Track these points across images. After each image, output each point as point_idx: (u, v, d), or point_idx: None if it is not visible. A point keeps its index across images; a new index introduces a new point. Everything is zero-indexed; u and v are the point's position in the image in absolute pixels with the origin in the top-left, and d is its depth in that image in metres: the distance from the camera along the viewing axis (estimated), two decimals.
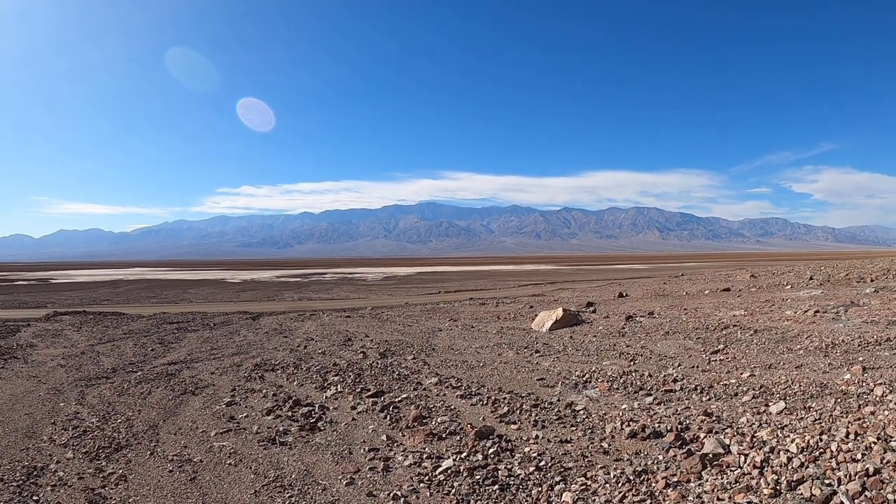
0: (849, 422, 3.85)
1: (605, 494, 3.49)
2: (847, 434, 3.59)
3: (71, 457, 4.60)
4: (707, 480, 3.44)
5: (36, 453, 4.68)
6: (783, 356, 6.80)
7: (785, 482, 3.13)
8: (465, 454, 4.33)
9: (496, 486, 3.75)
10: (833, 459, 3.27)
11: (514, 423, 5.04)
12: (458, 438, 4.72)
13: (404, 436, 4.89)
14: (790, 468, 3.30)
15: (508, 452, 4.33)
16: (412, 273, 57.96)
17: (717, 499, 3.18)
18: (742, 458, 3.61)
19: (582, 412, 5.21)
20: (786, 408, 4.60)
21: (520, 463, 4.11)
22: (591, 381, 6.36)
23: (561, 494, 3.57)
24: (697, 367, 6.72)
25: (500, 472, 3.98)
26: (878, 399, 4.42)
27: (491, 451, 4.34)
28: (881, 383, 4.85)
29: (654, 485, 3.51)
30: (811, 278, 15.26)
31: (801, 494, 3.00)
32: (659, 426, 4.54)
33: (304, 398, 6.25)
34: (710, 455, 3.76)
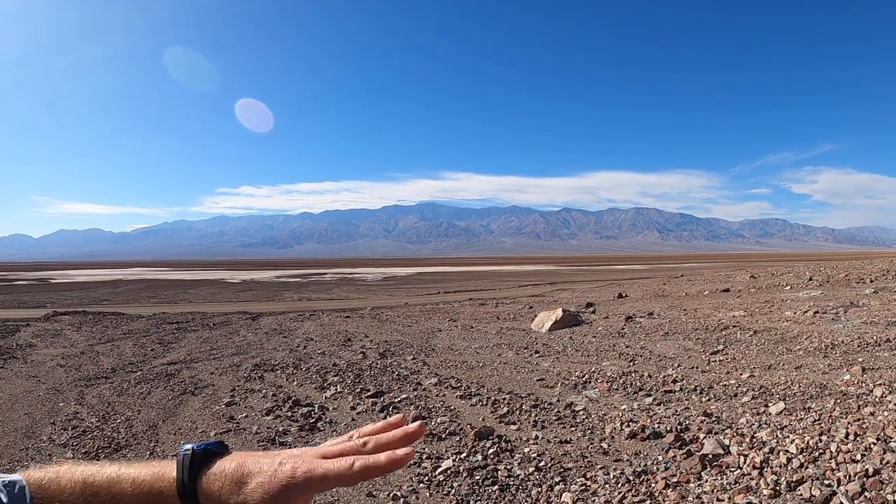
0: (848, 422, 3.86)
1: (604, 495, 3.49)
2: (846, 435, 3.59)
3: (71, 457, 4.60)
4: (707, 481, 3.44)
5: (35, 453, 4.68)
6: (783, 357, 6.81)
7: (784, 483, 3.14)
8: (464, 454, 4.33)
9: (496, 487, 3.75)
10: (833, 460, 3.28)
11: (514, 423, 5.04)
12: (458, 439, 4.72)
13: None
14: (790, 469, 3.30)
15: (508, 453, 4.33)
16: (412, 273, 57.94)
17: (717, 499, 3.18)
18: (742, 458, 3.61)
19: (581, 413, 5.21)
20: (785, 408, 4.60)
21: (519, 463, 4.11)
22: (590, 382, 6.36)
23: (560, 495, 3.57)
24: (697, 367, 6.72)
25: (499, 472, 3.98)
26: (877, 400, 4.43)
27: (490, 451, 4.34)
28: (881, 384, 4.85)
29: (653, 485, 3.51)
30: (811, 279, 15.27)
31: (801, 495, 3.00)
32: (658, 427, 4.54)
33: (304, 398, 6.25)
34: (710, 456, 3.76)
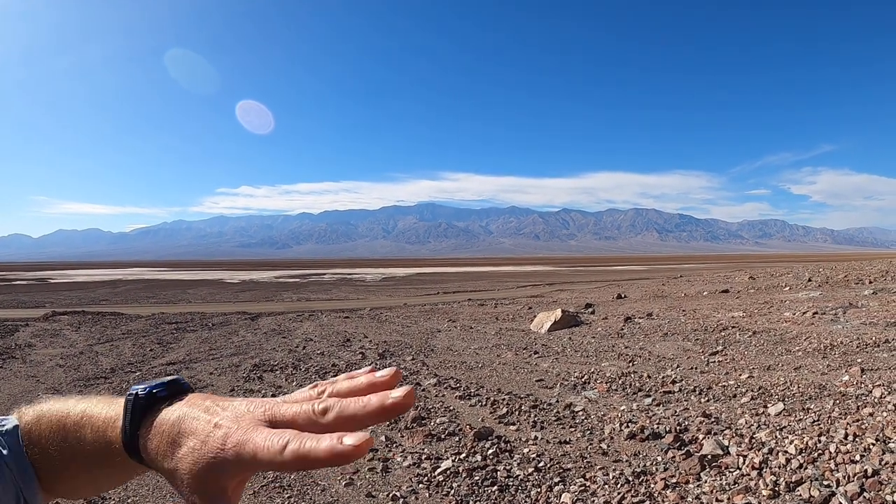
0: (847, 423, 3.86)
1: (603, 495, 3.49)
2: (845, 435, 3.60)
3: None
4: (706, 482, 3.44)
5: None
6: (782, 358, 6.81)
7: (783, 483, 3.14)
8: (464, 455, 4.33)
9: (495, 487, 3.75)
10: (832, 461, 3.28)
11: (513, 424, 5.04)
12: (457, 439, 4.72)
13: (403, 436, 4.89)
14: (789, 469, 3.31)
15: (507, 453, 4.33)
16: (411, 274, 57.92)
17: (716, 500, 3.18)
18: (741, 459, 3.62)
19: (581, 413, 5.21)
20: (784, 409, 4.61)
21: (519, 464, 4.12)
22: (589, 383, 6.36)
23: (560, 495, 3.57)
24: (696, 368, 6.72)
25: (498, 473, 3.98)
26: (876, 400, 4.43)
27: (490, 452, 4.34)
28: (879, 385, 4.86)
29: (652, 486, 3.51)
30: (810, 280, 15.29)
31: (800, 496, 3.01)
32: (658, 427, 4.54)
33: None
34: (709, 456, 3.77)
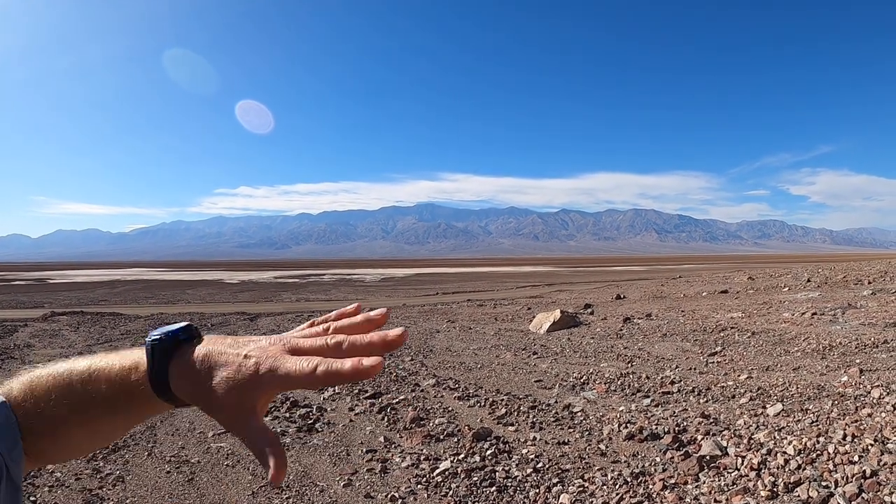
0: (846, 424, 3.86)
1: (602, 496, 3.49)
2: (844, 436, 3.60)
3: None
4: (704, 482, 3.44)
5: None
6: (780, 358, 6.81)
7: (782, 484, 3.14)
8: (462, 456, 4.33)
9: (494, 488, 3.75)
10: (830, 461, 3.28)
11: (512, 424, 5.04)
12: (456, 440, 4.72)
13: (402, 437, 4.89)
14: (787, 470, 3.31)
15: (506, 454, 4.33)
16: (410, 274, 57.92)
17: (715, 501, 3.18)
18: (739, 460, 3.62)
19: (579, 414, 5.21)
20: (783, 410, 4.61)
21: (517, 465, 4.12)
22: (588, 383, 6.36)
23: (558, 496, 3.57)
24: (695, 369, 6.72)
25: (497, 473, 3.98)
26: (875, 401, 4.44)
27: (488, 452, 4.34)
28: (878, 385, 4.86)
29: (651, 487, 3.51)
30: (808, 280, 15.30)
31: (798, 496, 3.01)
32: (656, 428, 4.54)
33: (302, 399, 6.24)
34: (708, 457, 3.77)
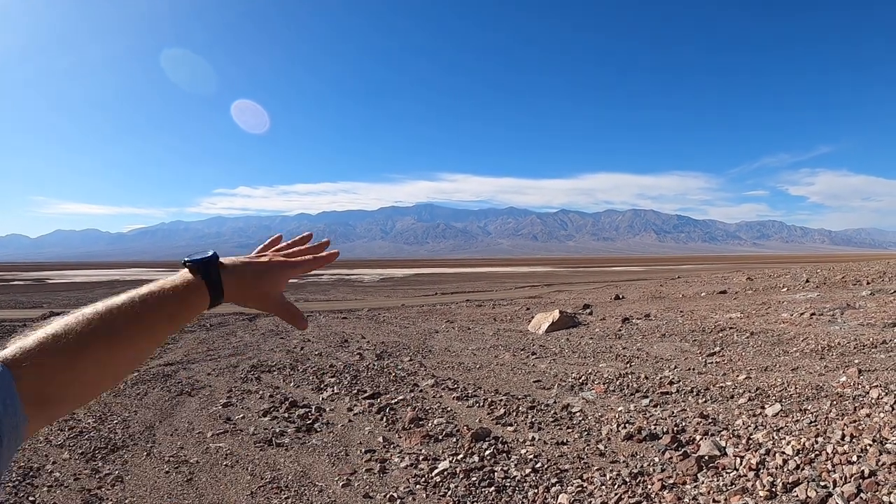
0: (844, 424, 3.87)
1: (600, 496, 3.49)
2: (843, 436, 3.60)
3: (67, 457, 4.58)
4: (703, 482, 3.44)
5: (32, 454, 4.66)
6: (779, 358, 6.82)
7: (780, 484, 3.14)
8: (461, 456, 4.33)
9: (492, 488, 3.75)
10: (829, 461, 3.29)
11: (511, 424, 5.04)
12: (455, 440, 4.72)
13: (401, 437, 4.89)
14: (786, 470, 3.31)
15: (505, 454, 4.34)
16: (409, 274, 57.90)
17: (713, 501, 3.19)
18: (738, 460, 3.62)
19: (578, 414, 5.22)
20: (781, 410, 4.62)
21: (516, 465, 4.12)
22: (587, 384, 6.36)
23: (557, 496, 3.57)
24: (693, 369, 6.73)
25: (496, 473, 3.98)
26: (873, 401, 4.44)
27: (487, 452, 4.34)
28: (877, 385, 4.87)
29: (649, 487, 3.51)
30: (807, 281, 15.31)
31: (797, 496, 3.01)
32: (655, 428, 4.55)
33: (301, 400, 6.24)
34: (706, 457, 3.77)
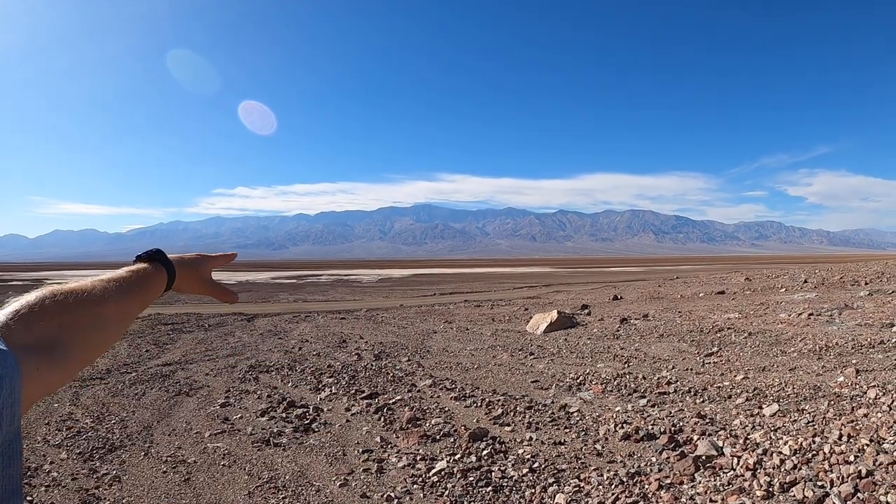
0: (842, 424, 3.87)
1: (598, 496, 3.49)
2: (840, 436, 3.61)
3: (65, 457, 4.58)
4: (700, 482, 3.44)
5: (30, 454, 4.65)
6: (777, 359, 6.83)
7: (777, 484, 3.15)
8: (458, 456, 4.33)
9: (489, 488, 3.75)
10: (826, 461, 3.29)
11: (508, 425, 5.04)
12: (452, 440, 4.72)
13: (398, 437, 4.89)
14: (783, 470, 3.32)
15: (502, 454, 4.33)
16: (407, 275, 57.87)
17: (710, 500, 3.19)
18: (735, 460, 3.62)
19: (576, 414, 5.22)
20: (779, 410, 4.62)
21: (513, 465, 4.12)
22: (585, 384, 6.36)
23: (554, 496, 3.57)
24: (691, 369, 6.73)
25: (493, 473, 3.98)
26: (871, 401, 4.45)
27: (485, 452, 4.34)
28: (874, 386, 4.87)
29: (646, 486, 3.51)
30: (805, 281, 15.34)
31: (794, 496, 3.02)
32: (652, 428, 4.55)
33: (299, 400, 6.24)
34: (704, 457, 3.77)
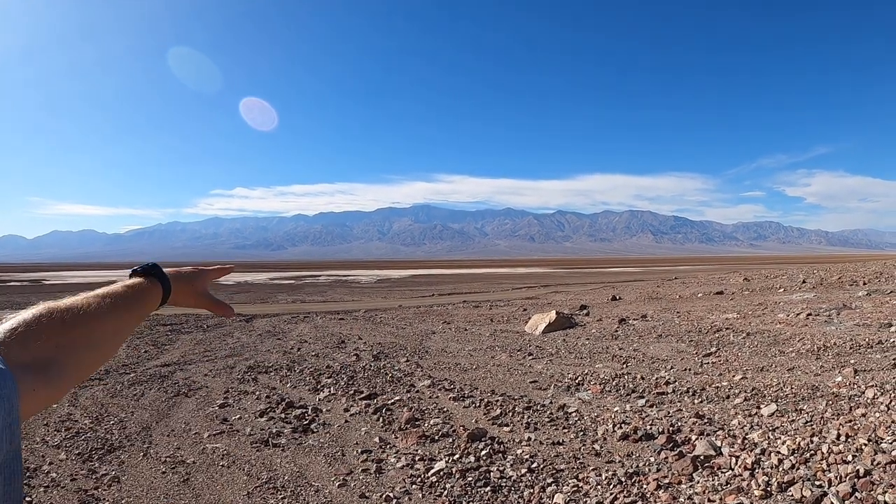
0: (840, 424, 3.88)
1: (596, 496, 3.50)
2: (838, 436, 3.61)
3: (64, 458, 4.57)
4: (698, 482, 3.45)
5: (29, 454, 4.65)
6: (775, 359, 6.84)
7: (775, 484, 3.15)
8: (457, 456, 4.33)
9: (488, 488, 3.75)
10: (824, 461, 3.30)
11: (507, 425, 5.04)
12: (451, 440, 4.72)
13: (397, 438, 4.89)
14: (781, 470, 3.32)
15: (500, 454, 4.34)
16: (406, 276, 57.85)
17: (708, 500, 3.19)
18: (733, 459, 3.63)
19: (574, 414, 5.22)
20: (777, 410, 4.63)
21: (512, 465, 4.12)
22: (583, 384, 6.37)
23: (552, 496, 3.57)
24: (689, 369, 6.74)
25: (492, 473, 3.98)
26: (869, 401, 4.46)
27: (483, 453, 4.34)
28: (872, 385, 4.88)
29: (645, 486, 3.52)
30: (804, 281, 15.36)
31: (792, 496, 3.02)
32: (651, 428, 4.55)
33: (298, 400, 6.23)
34: (702, 457, 3.78)
